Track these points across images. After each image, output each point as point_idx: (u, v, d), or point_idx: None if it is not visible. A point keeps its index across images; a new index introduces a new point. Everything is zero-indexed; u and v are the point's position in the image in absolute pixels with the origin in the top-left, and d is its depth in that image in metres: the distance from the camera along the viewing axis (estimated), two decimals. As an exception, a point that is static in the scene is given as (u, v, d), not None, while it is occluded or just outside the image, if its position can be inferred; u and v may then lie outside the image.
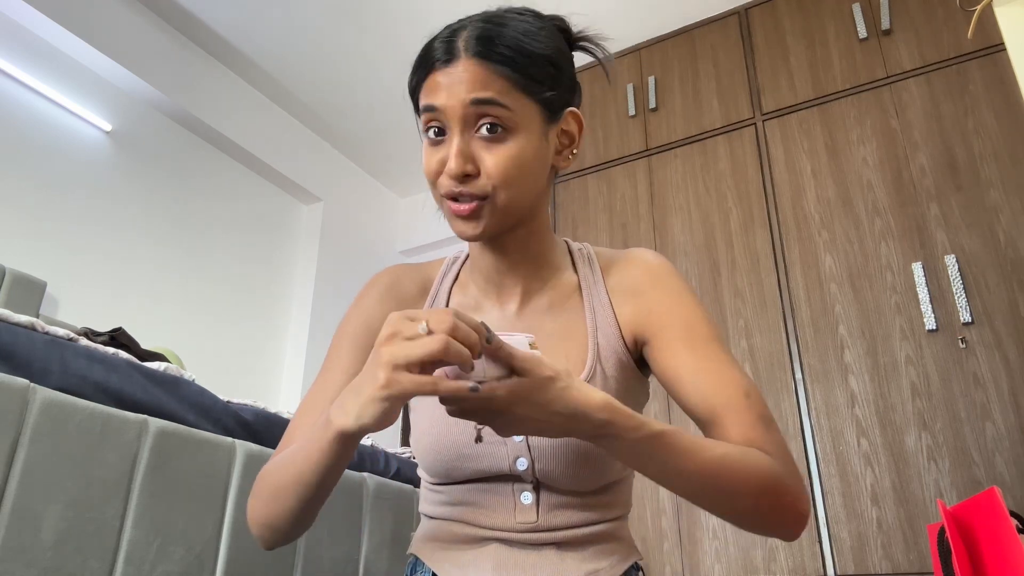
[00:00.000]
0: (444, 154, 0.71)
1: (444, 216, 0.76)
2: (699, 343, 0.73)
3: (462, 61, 0.71)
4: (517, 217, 0.75)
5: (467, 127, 0.71)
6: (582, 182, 2.74)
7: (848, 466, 1.95)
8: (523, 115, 0.72)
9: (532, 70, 0.73)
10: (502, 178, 0.70)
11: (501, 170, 0.70)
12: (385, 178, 4.19)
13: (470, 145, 0.71)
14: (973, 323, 1.91)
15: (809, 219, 2.26)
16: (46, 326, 1.00)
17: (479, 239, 0.74)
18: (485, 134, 0.70)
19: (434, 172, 0.73)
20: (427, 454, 0.76)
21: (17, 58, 2.60)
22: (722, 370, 0.71)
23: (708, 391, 0.70)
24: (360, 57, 3.25)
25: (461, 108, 0.70)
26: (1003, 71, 2.09)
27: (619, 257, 0.84)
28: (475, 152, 0.71)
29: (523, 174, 0.72)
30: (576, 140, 0.80)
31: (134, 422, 1.02)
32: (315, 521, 0.73)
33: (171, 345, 2.81)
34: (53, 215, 2.60)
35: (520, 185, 0.72)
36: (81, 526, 0.92)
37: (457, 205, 0.71)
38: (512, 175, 0.71)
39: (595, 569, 0.72)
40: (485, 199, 0.71)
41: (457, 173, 0.70)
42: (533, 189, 0.75)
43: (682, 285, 0.79)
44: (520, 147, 0.71)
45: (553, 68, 0.75)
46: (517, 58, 0.71)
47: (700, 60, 2.67)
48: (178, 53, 3.10)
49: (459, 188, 0.70)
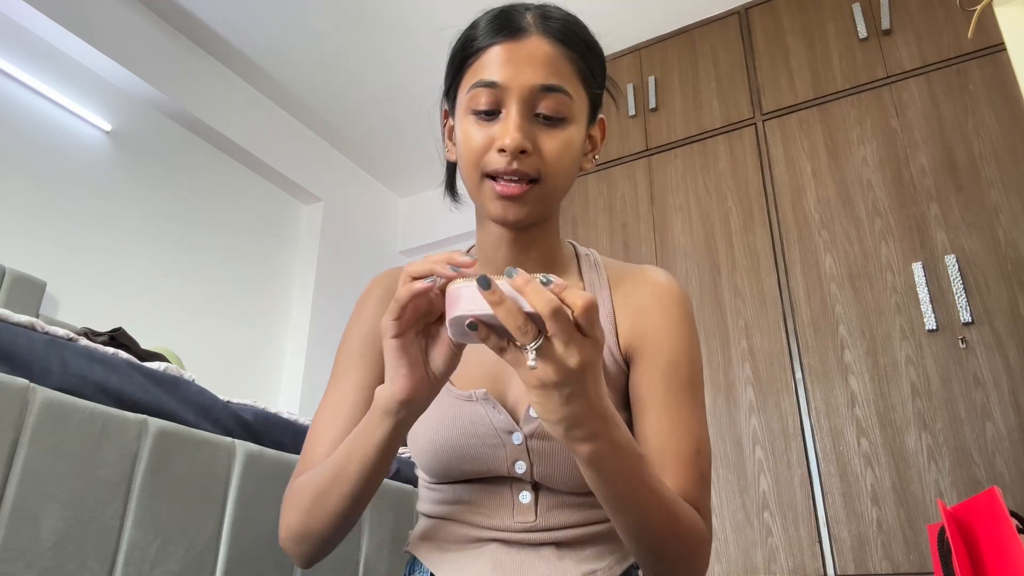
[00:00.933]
0: (495, 131, 0.69)
1: (479, 199, 0.72)
2: (676, 383, 0.72)
3: (533, 38, 0.69)
4: (552, 209, 0.74)
5: (528, 108, 0.69)
6: (582, 182, 2.74)
7: (848, 466, 1.95)
8: (579, 106, 0.71)
9: (592, 62, 0.72)
10: (555, 164, 0.69)
11: (556, 156, 0.69)
12: (385, 178, 4.19)
13: (530, 125, 0.69)
14: (973, 323, 1.91)
15: (809, 219, 2.26)
16: (46, 326, 1.00)
17: (519, 224, 0.71)
18: (544, 121, 0.69)
19: (481, 149, 0.69)
20: (423, 454, 0.76)
21: (17, 58, 2.60)
22: (685, 418, 0.71)
23: (665, 432, 0.70)
24: (360, 57, 3.25)
25: (527, 91, 0.68)
26: (1003, 71, 2.09)
27: (631, 273, 0.82)
28: (533, 133, 0.69)
29: (571, 165, 0.71)
30: (599, 146, 0.80)
31: (134, 422, 1.02)
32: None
33: (171, 345, 2.81)
34: (53, 215, 2.60)
35: (566, 176, 0.71)
36: (81, 526, 0.92)
37: (504, 185, 0.68)
38: (564, 164, 0.70)
39: (593, 569, 0.71)
40: (535, 182, 0.69)
41: (517, 147, 0.67)
42: (569, 183, 0.74)
43: (684, 317, 0.77)
44: (572, 137, 0.70)
45: (602, 67, 0.75)
46: (582, 46, 0.71)
47: (700, 60, 2.67)
48: (178, 53, 3.10)
49: (514, 165, 0.67)
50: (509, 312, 0.48)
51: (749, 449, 2.10)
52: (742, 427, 2.13)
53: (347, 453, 0.65)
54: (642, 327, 0.76)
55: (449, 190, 0.87)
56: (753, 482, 2.06)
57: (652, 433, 0.70)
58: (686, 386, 0.73)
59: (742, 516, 2.04)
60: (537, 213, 0.71)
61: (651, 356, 0.74)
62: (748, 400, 2.15)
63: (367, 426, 0.63)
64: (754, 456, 2.08)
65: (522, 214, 0.70)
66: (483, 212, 0.74)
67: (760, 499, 2.03)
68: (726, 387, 2.19)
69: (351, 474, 0.65)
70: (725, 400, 2.18)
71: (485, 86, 0.69)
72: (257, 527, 1.18)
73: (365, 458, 0.64)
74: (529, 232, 0.76)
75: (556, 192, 0.72)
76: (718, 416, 2.17)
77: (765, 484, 2.04)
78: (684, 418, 0.71)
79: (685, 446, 0.69)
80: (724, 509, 2.07)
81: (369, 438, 0.63)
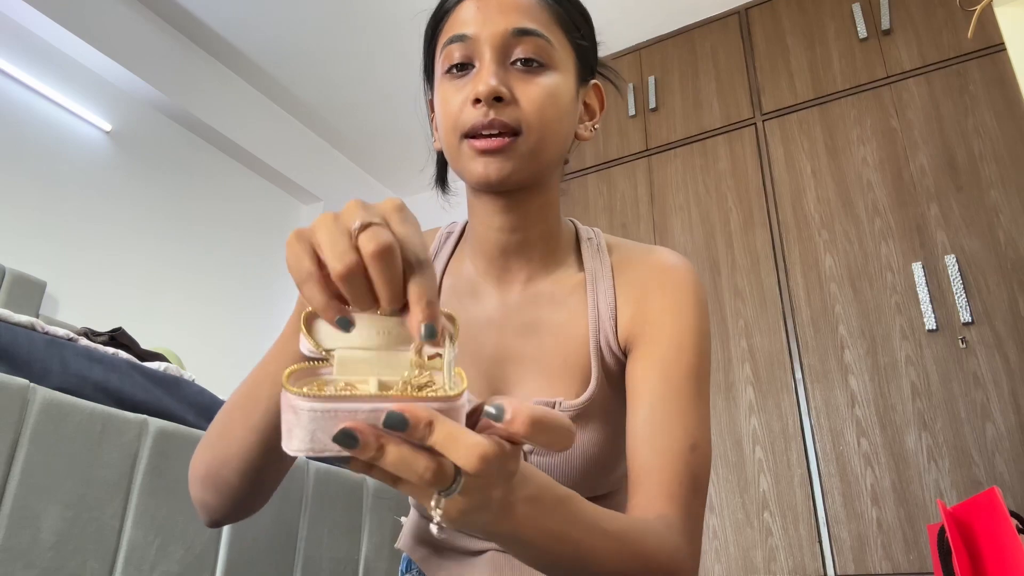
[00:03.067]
0: (470, 88, 0.63)
1: (461, 166, 0.65)
2: (676, 373, 0.64)
3: None
4: (541, 169, 0.66)
5: (502, 58, 0.63)
6: (582, 182, 2.74)
7: (848, 466, 1.95)
8: (562, 55, 0.66)
9: (571, 12, 0.68)
10: (538, 112, 0.63)
11: (538, 104, 0.63)
12: (385, 178, 4.19)
13: (505, 72, 0.63)
14: (973, 323, 1.91)
15: (809, 219, 2.26)
16: (46, 326, 1.00)
17: (504, 184, 0.63)
18: (521, 67, 0.64)
19: (456, 110, 0.63)
20: None
21: (17, 58, 2.60)
22: (683, 411, 0.62)
23: (656, 426, 0.62)
24: (360, 57, 3.25)
25: (500, 37, 0.63)
26: (1003, 71, 2.09)
27: (639, 256, 0.74)
28: (509, 81, 0.63)
29: (558, 115, 0.65)
30: (597, 115, 0.74)
31: (134, 422, 1.02)
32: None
33: (171, 345, 2.81)
34: (53, 215, 2.60)
35: (552, 128, 0.64)
36: (81, 526, 0.92)
37: (483, 141, 0.62)
38: (548, 113, 0.63)
39: None
40: (517, 135, 0.62)
41: (491, 92, 0.61)
42: (561, 142, 0.67)
43: (691, 302, 0.68)
44: (556, 85, 0.65)
45: (586, 21, 0.71)
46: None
47: (700, 60, 2.67)
48: (178, 53, 3.10)
49: (490, 116, 0.61)
50: (403, 461, 0.35)
51: (749, 449, 2.10)
52: (742, 427, 2.13)
53: (261, 371, 0.55)
54: (643, 312, 0.69)
55: (439, 182, 0.82)
56: (753, 482, 2.06)
57: (641, 426, 0.62)
58: (688, 377, 0.64)
59: (742, 516, 2.04)
60: (524, 172, 0.64)
61: (650, 343, 0.66)
62: (748, 400, 2.15)
63: (287, 334, 0.54)
64: (754, 456, 2.08)
65: (505, 171, 0.62)
66: (468, 181, 0.67)
67: (760, 499, 2.03)
68: (726, 387, 2.19)
69: (261, 398, 0.54)
70: (725, 400, 2.18)
71: (455, 41, 0.64)
72: (257, 527, 1.18)
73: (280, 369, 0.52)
74: (523, 207, 0.68)
75: (543, 149, 0.64)
76: (718, 416, 2.17)
77: (765, 484, 2.04)
78: (681, 410, 0.62)
79: (678, 442, 0.61)
80: (724, 509, 2.07)
81: (285, 345, 0.53)
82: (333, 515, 1.37)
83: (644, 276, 0.71)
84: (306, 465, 1.44)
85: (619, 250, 0.75)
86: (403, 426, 0.33)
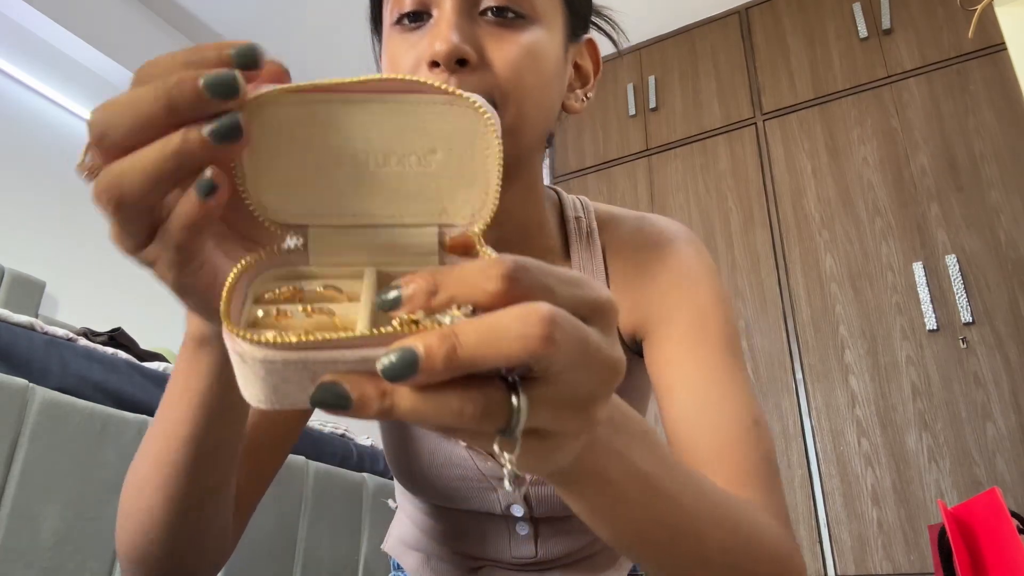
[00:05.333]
0: (424, 45, 0.48)
1: None
2: (706, 345, 0.53)
3: None
4: (520, 152, 0.51)
5: (468, 6, 0.48)
6: (582, 182, 2.74)
7: (848, 466, 1.95)
8: (546, 3, 0.51)
9: None
10: (516, 79, 0.48)
11: (515, 67, 0.48)
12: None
13: (471, 25, 0.48)
14: (974, 323, 1.90)
15: (809, 219, 2.25)
16: (45, 326, 1.00)
17: None
18: (494, 18, 0.48)
19: (409, 71, 0.48)
20: (398, 477, 0.64)
21: (17, 58, 2.60)
22: (729, 381, 0.52)
23: (705, 406, 0.51)
24: (360, 57, 3.25)
25: None
26: (1003, 71, 2.08)
27: (630, 230, 0.63)
28: (477, 37, 0.48)
29: (541, 82, 0.50)
30: (591, 80, 0.60)
31: (134, 422, 1.02)
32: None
33: (171, 345, 2.81)
34: (53, 215, 2.60)
35: (534, 99, 0.49)
36: (81, 526, 0.92)
37: None
38: (529, 81, 0.48)
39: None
40: None
41: (451, 52, 0.45)
42: (545, 117, 0.52)
43: (699, 267, 0.58)
44: (539, 43, 0.50)
45: None
46: None
47: (700, 60, 2.67)
48: (178, 53, 3.10)
49: (452, 83, 0.45)
50: (426, 407, 0.22)
51: (749, 449, 2.10)
52: (742, 427, 2.13)
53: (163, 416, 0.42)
54: (647, 296, 0.58)
55: None
56: (753, 482, 2.06)
57: (687, 412, 0.51)
58: (722, 349, 0.53)
59: (742, 516, 2.04)
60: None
61: (668, 323, 0.55)
62: (748, 400, 2.15)
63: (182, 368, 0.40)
64: (754, 456, 2.08)
65: None
66: None
67: (760, 499, 2.03)
68: (726, 387, 2.19)
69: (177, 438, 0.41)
70: (725, 400, 2.18)
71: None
72: (257, 528, 1.18)
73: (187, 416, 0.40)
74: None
75: (522, 126, 0.49)
76: (718, 416, 2.17)
77: (765, 484, 2.04)
78: (729, 384, 0.51)
79: (737, 419, 0.49)
80: (724, 509, 2.07)
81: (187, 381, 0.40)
82: (333, 515, 1.37)
83: (640, 255, 0.60)
84: (306, 465, 1.44)
85: (609, 226, 0.64)
86: (413, 370, 0.21)
